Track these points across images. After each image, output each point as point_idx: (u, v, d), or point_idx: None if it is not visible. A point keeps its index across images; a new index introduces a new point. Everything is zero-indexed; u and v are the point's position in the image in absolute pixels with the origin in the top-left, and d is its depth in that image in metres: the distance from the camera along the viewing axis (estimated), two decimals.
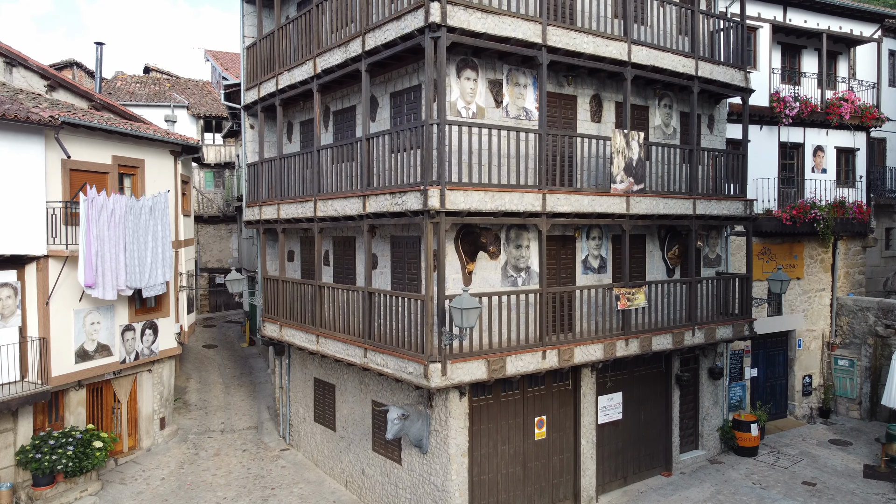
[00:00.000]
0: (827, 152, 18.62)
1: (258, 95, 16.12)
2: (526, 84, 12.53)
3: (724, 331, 14.91)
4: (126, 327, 15.54)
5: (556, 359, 12.04)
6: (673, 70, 13.66)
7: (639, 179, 12.99)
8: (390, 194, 11.39)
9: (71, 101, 19.06)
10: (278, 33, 15.12)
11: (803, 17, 17.75)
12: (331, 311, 13.75)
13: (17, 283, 13.44)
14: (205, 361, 23.69)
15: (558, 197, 11.91)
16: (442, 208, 10.43)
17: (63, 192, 13.84)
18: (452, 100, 11.58)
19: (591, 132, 13.60)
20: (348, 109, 14.30)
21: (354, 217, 12.50)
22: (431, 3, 10.33)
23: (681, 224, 14.14)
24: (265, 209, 15.84)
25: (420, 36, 10.62)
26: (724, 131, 16.26)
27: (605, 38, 12.50)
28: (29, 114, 12.74)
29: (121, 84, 30.55)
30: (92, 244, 13.54)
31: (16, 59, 17.65)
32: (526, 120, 12.55)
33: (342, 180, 13.12)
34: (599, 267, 13.80)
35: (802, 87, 18.20)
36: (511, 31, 11.17)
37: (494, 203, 11.09)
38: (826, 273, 18.94)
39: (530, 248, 12.63)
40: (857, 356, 18.44)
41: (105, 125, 14.20)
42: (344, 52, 12.60)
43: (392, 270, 12.91)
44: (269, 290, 16.07)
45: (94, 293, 13.78)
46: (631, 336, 13.12)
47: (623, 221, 12.96)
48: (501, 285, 12.29)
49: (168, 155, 16.97)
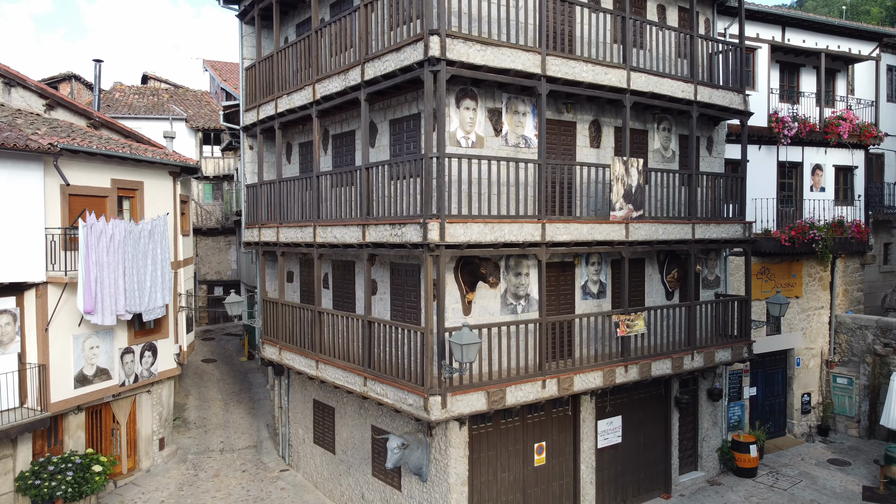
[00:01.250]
0: (825, 171, 18.65)
1: (257, 117, 16.12)
2: (525, 112, 12.54)
3: (723, 354, 14.92)
4: (125, 350, 15.53)
5: (556, 388, 12.05)
6: (672, 96, 13.68)
7: (638, 206, 13.01)
8: (390, 225, 11.39)
9: (70, 119, 19.07)
10: (277, 56, 15.11)
11: (802, 37, 17.78)
12: (330, 336, 13.75)
13: (16, 310, 13.43)
14: (204, 376, 23.67)
15: (557, 226, 11.91)
16: (441, 241, 10.44)
17: (62, 218, 13.83)
18: (452, 130, 11.59)
19: (591, 158, 13.62)
20: (347, 133, 14.30)
21: (354, 245, 12.50)
22: (431, 37, 10.33)
23: (680, 248, 14.15)
24: (264, 231, 15.84)
25: (419, 69, 10.63)
26: (722, 152, 16.29)
27: (604, 66, 12.51)
28: (28, 141, 12.72)
29: (119, 95, 30.51)
30: (91, 270, 13.53)
31: (14, 79, 17.65)
32: (525, 148, 12.56)
33: (342, 205, 13.12)
34: (599, 292, 13.81)
35: (801, 106, 18.22)
36: (510, 63, 11.18)
37: (494, 234, 11.10)
38: (825, 291, 18.97)
39: (530, 276, 12.64)
40: (855, 374, 18.47)
41: (104, 150, 14.19)
42: (343, 79, 12.61)
43: (392, 297, 12.91)
44: (268, 312, 16.06)
45: (93, 319, 13.76)
46: (630, 362, 13.13)
47: (622, 248, 12.97)
48: (501, 313, 12.31)
49: (167, 176, 16.96)
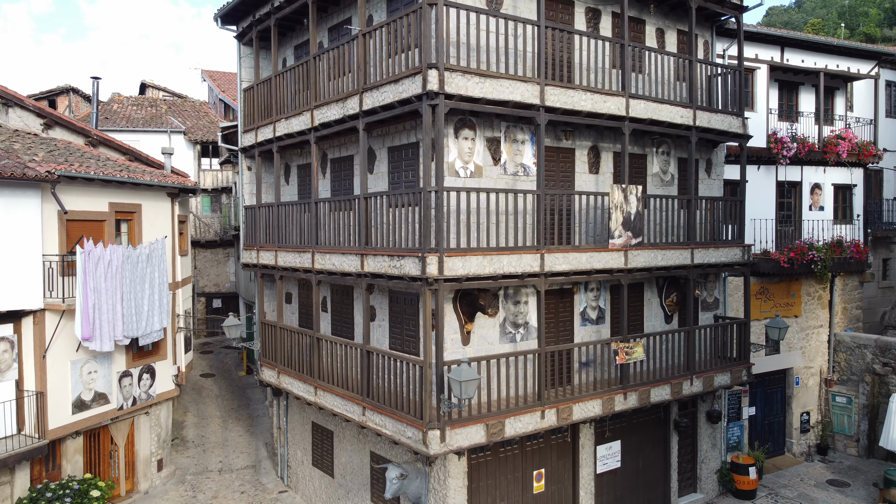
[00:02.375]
0: (824, 189, 18.64)
1: (255, 140, 16.08)
2: (524, 140, 12.52)
3: (722, 378, 14.90)
4: (123, 374, 15.49)
5: (555, 417, 12.03)
6: (671, 122, 13.66)
7: (637, 233, 12.99)
8: (388, 256, 11.37)
9: (68, 138, 19.06)
10: (275, 80, 15.08)
11: (801, 57, 17.77)
12: (329, 362, 13.73)
13: (13, 337, 13.39)
14: (202, 392, 23.64)
15: (556, 256, 11.89)
16: (440, 276, 10.42)
17: (60, 245, 13.79)
18: (450, 160, 11.56)
19: (589, 183, 13.60)
20: (346, 158, 14.28)
21: (352, 274, 12.47)
22: (429, 70, 10.31)
23: (679, 274, 14.13)
24: (262, 254, 15.80)
25: (418, 102, 10.61)
26: (721, 174, 16.27)
27: (602, 95, 12.49)
28: (25, 170, 12.69)
29: (117, 107, 30.46)
30: (89, 297, 13.50)
31: (12, 99, 17.65)
32: (524, 176, 12.54)
33: (340, 231, 13.08)
34: (598, 318, 13.79)
35: (800, 125, 18.21)
36: (509, 94, 11.16)
37: (493, 266, 11.07)
38: (824, 310, 18.96)
39: (528, 304, 12.62)
40: (854, 393, 18.47)
41: (102, 175, 14.15)
42: (341, 108, 12.58)
43: (391, 324, 12.89)
44: (266, 334, 16.03)
45: (91, 346, 13.74)
46: (629, 390, 13.11)
47: (621, 276, 12.95)
48: (500, 342, 12.29)
49: (165, 197, 16.93)
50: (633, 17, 14.15)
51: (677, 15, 15.02)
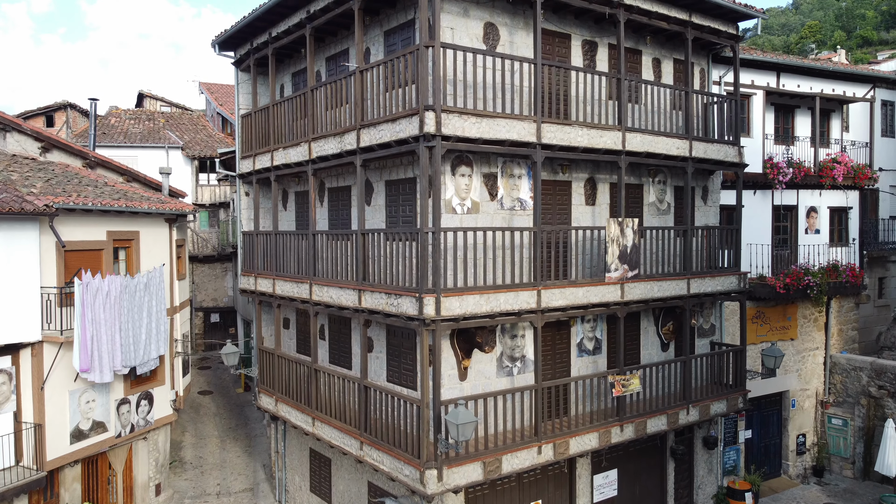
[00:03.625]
0: (820, 212, 18.71)
1: (253, 167, 16.12)
2: (521, 175, 12.57)
3: (718, 406, 14.97)
4: (121, 401, 15.51)
5: (552, 452, 12.08)
6: (667, 154, 13.72)
7: (633, 266, 13.04)
8: (386, 294, 11.41)
9: (66, 160, 19.09)
10: (273, 109, 15.11)
11: (796, 82, 17.84)
12: (326, 392, 13.78)
13: (11, 369, 13.41)
14: (200, 410, 23.66)
15: (553, 292, 11.95)
16: (437, 316, 10.47)
17: (58, 276, 13.80)
18: (447, 197, 11.61)
19: (586, 215, 13.66)
20: (343, 188, 14.32)
21: (349, 308, 12.51)
22: (426, 112, 10.35)
23: (675, 304, 14.19)
24: (261, 281, 15.84)
25: (415, 143, 10.65)
26: (718, 200, 16.34)
27: (599, 129, 12.55)
28: (23, 204, 12.71)
29: (115, 121, 30.46)
30: (87, 329, 13.52)
31: (10, 124, 17.68)
32: (521, 210, 12.59)
33: (338, 260, 13.12)
34: (594, 348, 13.85)
35: (796, 148, 18.28)
36: (506, 133, 11.21)
37: (490, 305, 11.13)
38: (819, 332, 19.04)
39: (525, 337, 12.67)
40: (850, 415, 18.54)
41: (100, 206, 14.17)
42: (339, 142, 12.62)
43: (388, 356, 12.93)
44: (264, 361, 16.07)
45: (89, 377, 13.77)
46: (626, 421, 13.17)
47: (618, 309, 13.01)
48: (497, 376, 12.34)
49: (163, 223, 16.95)
50: (629, 48, 14.20)
51: (674, 45, 15.08)
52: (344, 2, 12.38)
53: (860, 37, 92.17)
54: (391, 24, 12.73)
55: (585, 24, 13.53)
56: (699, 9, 14.18)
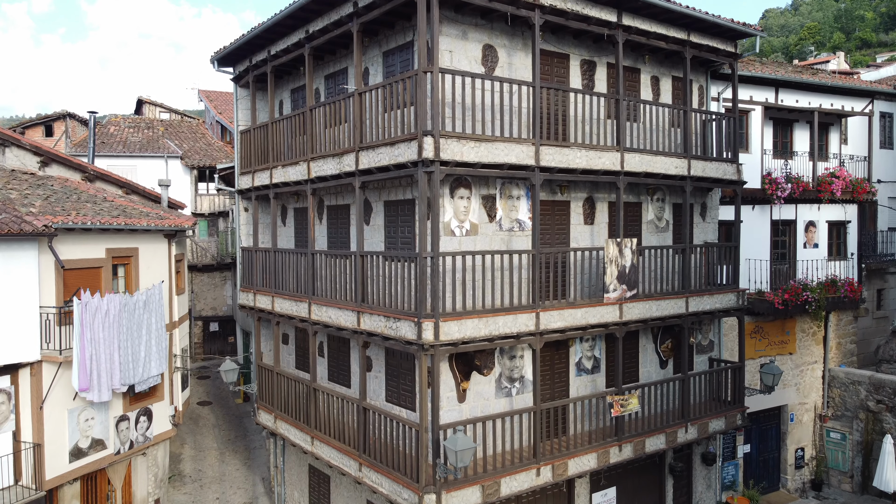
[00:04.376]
0: (819, 227, 18.74)
1: (252, 184, 16.13)
2: (519, 195, 12.59)
3: (716, 423, 14.99)
4: (120, 418, 15.50)
5: (551, 474, 12.10)
6: (665, 173, 13.74)
7: (632, 286, 13.06)
8: (385, 317, 11.43)
9: (65, 174, 19.09)
10: (272, 127, 15.12)
11: (795, 97, 17.87)
12: (325, 411, 13.79)
13: (10, 389, 13.40)
14: (199, 421, 23.65)
15: (552, 314, 11.97)
16: (436, 341, 10.48)
17: (57, 295, 13.80)
18: (446, 220, 11.62)
19: (585, 234, 13.68)
20: (342, 207, 14.32)
21: (348, 329, 12.53)
22: (425, 138, 10.36)
23: (674, 323, 14.21)
24: (260, 297, 15.85)
25: (413, 168, 10.67)
26: (716, 217, 16.37)
27: (597, 151, 12.57)
28: (23, 225, 12.72)
29: (114, 130, 30.45)
30: (86, 348, 13.52)
31: (9, 139, 17.69)
32: (519, 231, 12.61)
33: (337, 278, 13.12)
34: (593, 367, 13.87)
35: (794, 162, 18.30)
36: (504, 157, 11.22)
37: (488, 328, 11.14)
38: (818, 346, 19.06)
39: (524, 358, 12.69)
40: (848, 429, 18.57)
41: (99, 225, 14.17)
42: (338, 163, 12.63)
43: (387, 377, 12.95)
44: (263, 378, 16.08)
45: (88, 396, 13.77)
46: (624, 441, 13.19)
47: (616, 329, 13.02)
48: (496, 397, 12.36)
49: (162, 238, 16.94)
50: (627, 67, 14.22)
51: (672, 62, 15.10)
52: (342, 24, 12.39)
53: (859, 39, 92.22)
54: (390, 46, 12.74)
55: (584, 43, 13.55)
56: (697, 28, 14.20)
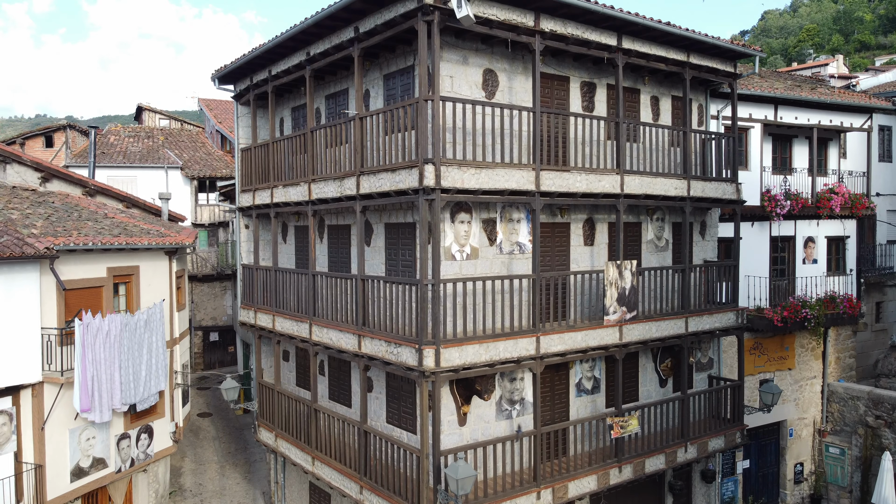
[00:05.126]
0: (818, 242, 18.79)
1: (253, 202, 16.17)
2: (519, 219, 12.63)
3: (716, 442, 15.04)
4: (121, 436, 15.53)
5: (551, 497, 12.14)
6: (665, 195, 13.78)
7: (631, 307, 13.10)
8: (386, 342, 11.46)
9: (65, 190, 19.17)
10: (273, 146, 15.16)
11: (794, 114, 17.93)
12: (326, 431, 13.82)
13: (12, 410, 13.43)
14: (199, 434, 23.69)
15: (552, 337, 12.01)
16: (437, 368, 10.52)
17: (58, 316, 13.83)
18: (447, 245, 11.67)
19: (585, 255, 13.72)
20: (343, 227, 14.36)
21: (349, 352, 12.56)
22: (426, 166, 10.41)
23: (674, 343, 14.25)
24: (260, 315, 15.88)
25: (414, 195, 10.71)
26: (716, 235, 16.41)
27: (597, 174, 12.61)
28: (24, 247, 12.75)
29: (114, 139, 30.48)
30: (87, 369, 13.56)
31: (9, 156, 17.74)
32: (520, 254, 12.65)
33: (337, 299, 13.15)
34: (593, 388, 13.91)
35: (794, 178, 18.35)
36: (504, 183, 11.26)
37: (489, 354, 11.18)
38: (817, 361, 19.12)
39: (524, 380, 12.73)
40: (847, 444, 18.62)
41: (101, 245, 14.21)
42: (339, 186, 12.67)
43: (388, 398, 12.99)
44: (264, 395, 16.12)
45: (90, 417, 13.81)
46: (624, 462, 13.24)
47: (616, 351, 13.07)
48: (496, 419, 12.40)
49: (163, 255, 16.98)
50: (627, 87, 14.27)
51: (672, 82, 15.15)
52: (343, 48, 12.44)
53: (858, 41, 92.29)
54: (391, 69, 12.79)
55: (584, 65, 13.60)
56: (697, 49, 14.25)
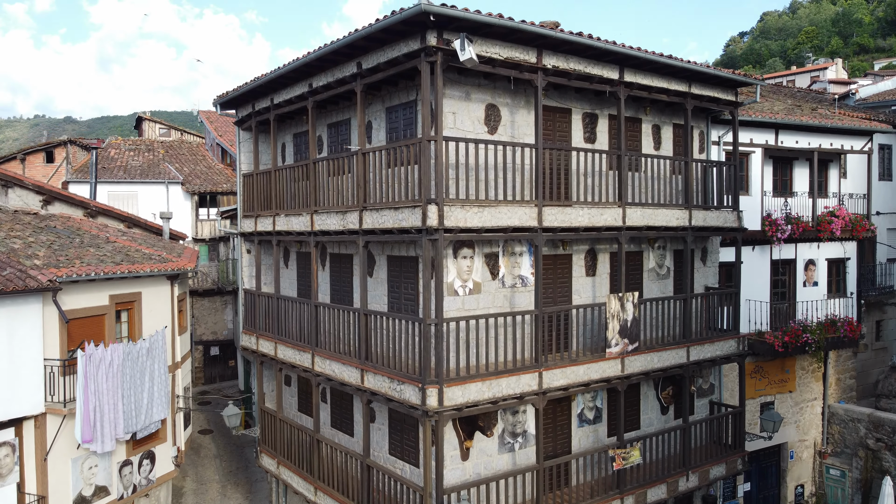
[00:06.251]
0: (818, 265, 18.83)
1: (255, 228, 16.19)
2: (522, 252, 12.66)
3: (717, 469, 15.08)
4: (124, 463, 15.54)
5: None
6: (667, 226, 13.82)
7: (633, 339, 13.13)
8: (389, 378, 11.49)
9: (67, 212, 19.17)
10: (275, 174, 15.19)
11: (794, 139, 17.96)
12: (329, 461, 13.84)
13: (14, 440, 13.44)
14: (201, 452, 23.69)
15: (554, 372, 12.04)
16: (440, 407, 10.55)
17: (61, 347, 13.84)
18: (449, 280, 11.69)
19: (587, 286, 13.75)
20: (345, 256, 14.39)
21: (352, 385, 12.59)
22: (429, 206, 10.43)
23: (675, 372, 14.28)
24: (262, 342, 15.90)
25: (417, 235, 10.73)
26: (717, 260, 16.45)
27: (599, 207, 12.65)
28: (27, 280, 12.76)
29: (114, 153, 30.50)
30: (90, 401, 13.57)
31: (11, 180, 17.76)
32: (522, 287, 12.68)
33: (340, 330, 13.17)
34: (595, 417, 13.94)
35: (794, 201, 18.39)
36: (507, 220, 11.29)
37: (492, 391, 11.21)
38: (818, 382, 19.16)
39: (527, 413, 12.75)
40: (848, 467, 18.66)
41: (103, 275, 14.22)
42: (342, 219, 12.69)
43: (390, 430, 13.01)
44: (266, 422, 16.14)
45: (92, 448, 13.82)
46: (626, 493, 13.27)
47: (618, 383, 13.10)
48: (499, 452, 12.43)
49: (165, 281, 16.98)
50: (629, 117, 14.31)
51: (673, 110, 15.19)
52: (346, 82, 12.47)
53: (857, 44, 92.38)
54: (393, 102, 12.82)
55: (586, 97, 13.63)
56: (698, 79, 14.28)
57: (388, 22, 10.28)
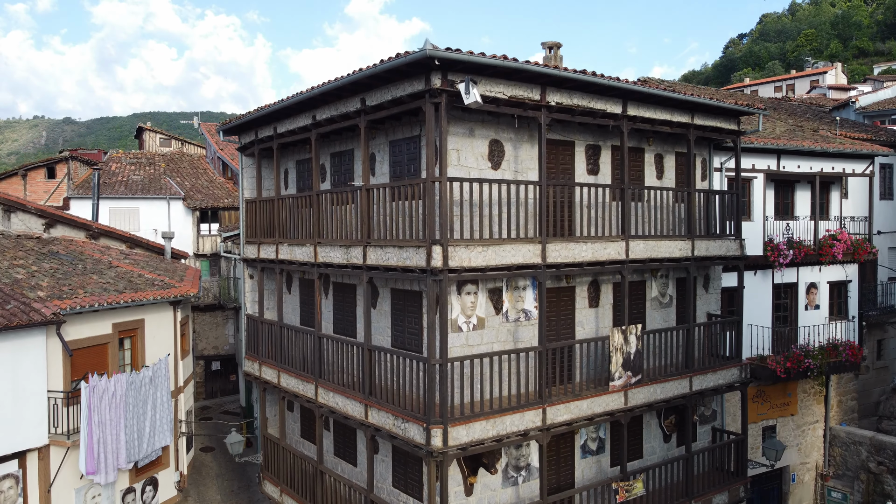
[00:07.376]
0: (820, 287, 18.86)
1: (258, 255, 16.20)
2: (525, 286, 12.68)
3: (720, 498, 15.09)
4: (127, 490, 15.57)
5: None
6: (670, 257, 13.84)
7: (636, 371, 13.15)
8: (393, 415, 11.50)
9: (70, 234, 19.19)
10: (278, 203, 15.20)
11: (796, 163, 17.99)
12: (332, 491, 13.85)
13: (18, 472, 13.46)
14: (202, 470, 23.66)
15: (558, 408, 12.05)
16: (444, 447, 10.56)
17: (64, 379, 13.87)
18: (453, 317, 11.71)
19: (590, 317, 13.77)
20: (349, 286, 14.40)
21: (355, 419, 12.60)
22: (433, 246, 10.44)
23: (678, 403, 14.30)
24: (265, 370, 15.91)
25: (422, 275, 10.75)
26: (719, 287, 16.47)
27: (602, 242, 12.66)
28: (31, 314, 12.78)
29: (116, 167, 30.50)
30: (94, 432, 13.59)
31: (14, 205, 17.78)
32: (525, 321, 12.70)
33: (344, 361, 13.19)
34: (598, 448, 13.96)
35: (796, 224, 18.41)
36: (511, 258, 11.31)
37: (496, 429, 11.23)
38: (819, 405, 19.19)
39: (531, 446, 12.77)
40: (849, 490, 18.68)
41: (107, 305, 14.24)
42: (345, 253, 12.70)
43: (394, 462, 13.01)
44: (269, 448, 16.14)
45: (95, 479, 13.85)
46: None
47: (622, 416, 13.12)
48: (503, 487, 12.44)
49: (167, 306, 17.02)
50: (632, 148, 14.32)
51: (676, 140, 15.21)
52: (349, 117, 12.49)
53: (856, 47, 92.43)
54: (396, 136, 12.83)
55: (589, 129, 13.65)
56: (701, 110, 14.31)
57: (393, 64, 10.29)
